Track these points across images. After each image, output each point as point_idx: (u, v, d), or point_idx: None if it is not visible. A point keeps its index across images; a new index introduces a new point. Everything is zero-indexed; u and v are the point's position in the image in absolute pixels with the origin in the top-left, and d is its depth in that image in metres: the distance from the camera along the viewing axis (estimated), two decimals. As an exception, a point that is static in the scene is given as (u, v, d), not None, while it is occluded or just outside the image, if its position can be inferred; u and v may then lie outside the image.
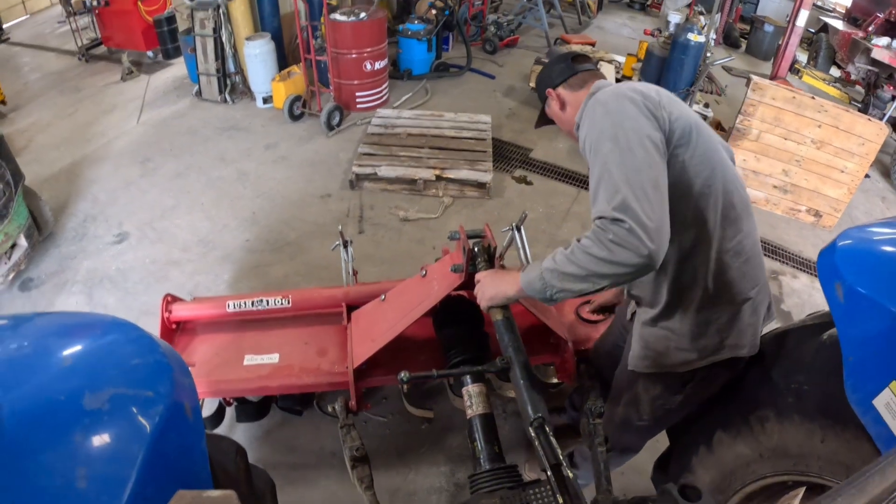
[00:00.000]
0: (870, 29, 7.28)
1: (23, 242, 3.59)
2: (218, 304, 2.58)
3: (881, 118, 5.83)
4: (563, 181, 5.03)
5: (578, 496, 1.29)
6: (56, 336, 1.09)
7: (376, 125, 5.31)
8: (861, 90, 7.36)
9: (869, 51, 6.70)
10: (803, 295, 4.05)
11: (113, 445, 0.92)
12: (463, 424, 2.46)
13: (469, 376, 1.77)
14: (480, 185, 4.64)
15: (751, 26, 9.27)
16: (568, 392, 2.64)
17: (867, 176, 5.45)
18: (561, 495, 1.27)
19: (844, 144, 4.63)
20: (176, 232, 4.14)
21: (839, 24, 8.13)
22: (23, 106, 5.91)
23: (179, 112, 5.83)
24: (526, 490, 1.37)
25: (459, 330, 2.06)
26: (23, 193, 3.63)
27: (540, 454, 1.37)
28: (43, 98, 6.09)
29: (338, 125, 5.55)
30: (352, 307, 2.55)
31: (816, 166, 4.76)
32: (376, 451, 2.61)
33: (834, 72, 8.36)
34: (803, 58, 8.84)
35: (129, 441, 0.93)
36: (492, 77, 7.01)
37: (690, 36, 5.43)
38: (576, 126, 1.69)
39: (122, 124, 5.56)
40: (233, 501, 0.80)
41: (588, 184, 1.52)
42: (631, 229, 1.31)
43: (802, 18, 6.54)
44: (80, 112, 5.79)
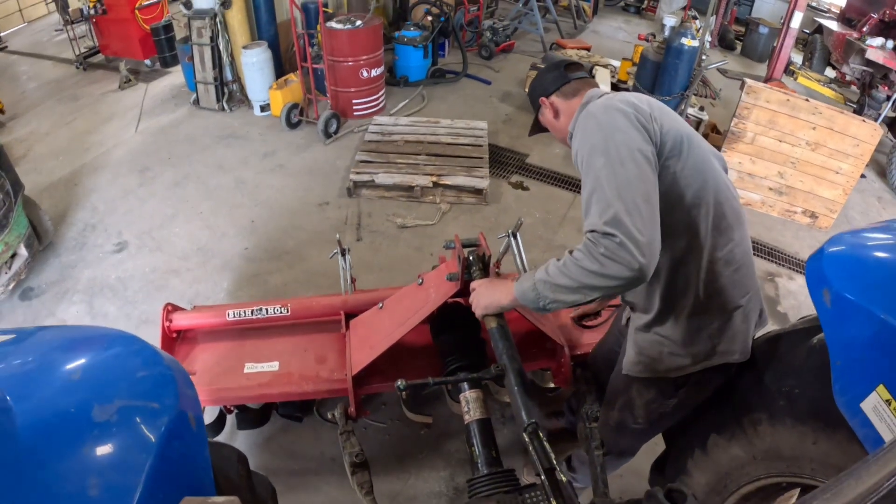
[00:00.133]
0: (864, 30, 7.33)
1: (23, 252, 3.60)
2: (218, 313, 2.61)
3: (876, 118, 5.87)
4: (560, 186, 5.06)
5: (572, 499, 1.31)
6: (64, 350, 1.12)
7: (373, 132, 5.33)
8: (856, 91, 7.41)
9: (863, 51, 6.74)
10: (800, 297, 4.07)
11: (121, 455, 0.96)
12: (461, 429, 2.47)
13: (466, 382, 1.79)
14: (477, 192, 4.66)
15: (746, 28, 9.32)
16: (565, 396, 2.66)
17: (863, 176, 5.48)
18: (555, 499, 1.29)
19: (839, 146, 4.66)
20: (175, 241, 4.16)
21: (834, 25, 8.17)
22: (21, 115, 5.92)
23: (177, 121, 5.85)
24: (522, 494, 1.40)
25: (456, 337, 2.07)
26: (22, 203, 3.65)
27: (534, 459, 1.39)
28: (41, 107, 6.11)
29: (335, 133, 5.57)
30: (350, 315, 2.57)
31: (811, 168, 4.79)
32: (376, 457, 2.63)
33: (829, 73, 8.41)
34: (798, 59, 8.89)
35: (137, 451, 0.96)
36: (488, 83, 7.04)
37: (685, 41, 5.46)
38: (569, 135, 1.72)
39: (121, 133, 5.58)
40: None
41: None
42: (622, 243, 1.33)
43: (797, 20, 6.58)
44: (79, 121, 5.81)
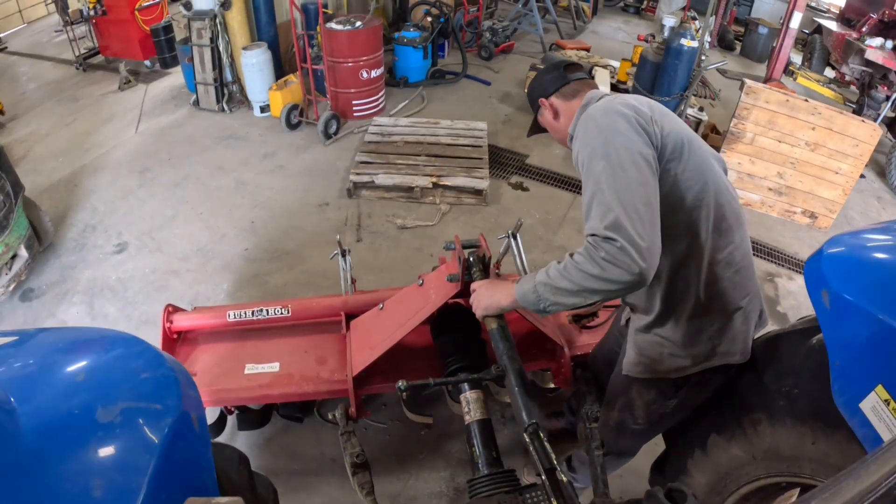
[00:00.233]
0: (863, 30, 7.33)
1: (23, 253, 3.61)
2: (218, 314, 2.61)
3: (876, 118, 5.88)
4: (559, 187, 5.07)
5: (573, 499, 1.32)
6: (67, 351, 1.13)
7: (373, 133, 5.33)
8: (855, 91, 7.41)
9: (863, 52, 6.75)
10: (799, 297, 4.08)
11: (125, 456, 0.96)
12: (462, 430, 2.48)
13: (466, 383, 1.80)
14: (477, 192, 4.66)
15: (745, 29, 9.33)
16: (565, 397, 2.67)
17: (862, 176, 5.48)
18: (556, 499, 1.30)
19: (838, 146, 4.67)
20: (175, 242, 4.17)
21: (833, 26, 8.18)
22: (21, 116, 5.92)
23: (177, 121, 5.86)
24: (523, 494, 1.41)
25: (456, 337, 2.08)
26: (23, 204, 3.65)
27: (535, 459, 1.40)
28: (41, 108, 6.11)
29: (335, 134, 5.58)
30: (351, 316, 2.58)
31: (811, 168, 4.80)
32: (376, 458, 2.63)
33: (828, 73, 8.41)
34: (798, 59, 8.89)
35: (140, 452, 0.97)
36: (487, 83, 7.05)
37: (684, 41, 5.47)
38: (569, 137, 1.72)
39: (121, 134, 5.59)
40: None
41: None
42: (623, 248, 1.34)
43: (796, 20, 6.58)
44: (79, 122, 5.81)
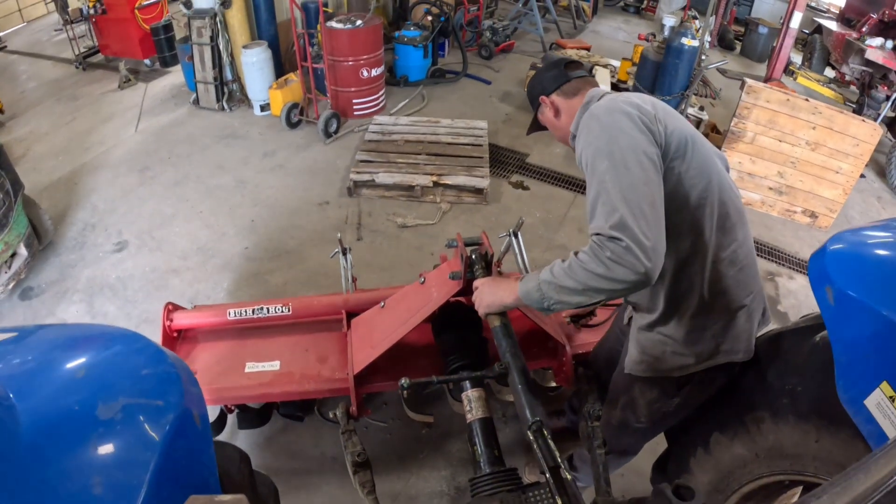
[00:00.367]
0: (863, 30, 7.34)
1: (23, 251, 3.60)
2: (219, 313, 2.60)
3: (876, 118, 5.87)
4: (560, 186, 5.06)
5: (577, 497, 1.31)
6: (68, 348, 1.11)
7: (373, 132, 5.33)
8: (855, 91, 7.41)
9: (863, 51, 6.76)
10: (800, 296, 4.08)
11: (126, 453, 0.95)
12: (463, 428, 2.47)
13: (468, 381, 1.79)
14: (478, 191, 4.66)
15: (745, 28, 9.34)
16: (567, 395, 2.66)
17: (863, 176, 5.48)
18: (559, 497, 1.29)
19: (839, 145, 4.66)
20: (175, 240, 4.16)
21: (833, 26, 8.18)
22: (20, 114, 5.91)
23: (177, 120, 5.85)
24: (525, 492, 1.39)
25: (458, 335, 2.07)
26: (22, 202, 3.64)
27: (538, 457, 1.39)
28: (40, 107, 6.10)
29: (335, 132, 5.57)
30: (351, 314, 2.57)
31: (811, 168, 4.80)
32: (377, 456, 2.62)
33: (828, 73, 8.41)
34: (798, 59, 8.89)
35: (142, 449, 0.96)
36: (488, 82, 7.04)
37: (684, 40, 5.46)
38: (571, 136, 1.71)
39: (120, 133, 5.58)
40: None
41: (585, 188, 1.54)
42: (628, 248, 1.33)
43: (796, 20, 6.58)
44: (78, 120, 5.80)
